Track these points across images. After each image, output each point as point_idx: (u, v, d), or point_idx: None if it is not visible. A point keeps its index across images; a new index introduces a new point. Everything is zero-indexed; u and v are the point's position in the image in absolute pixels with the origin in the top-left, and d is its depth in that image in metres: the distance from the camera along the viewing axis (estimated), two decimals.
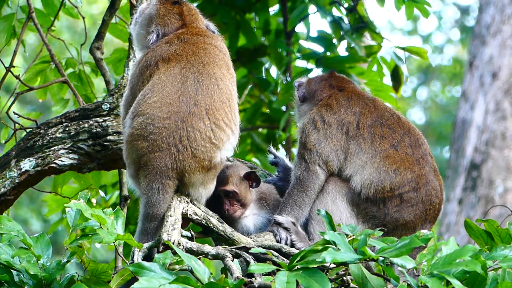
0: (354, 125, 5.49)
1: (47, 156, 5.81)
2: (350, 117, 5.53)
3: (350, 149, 5.45)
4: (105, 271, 4.50)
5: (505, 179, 12.47)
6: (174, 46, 5.30)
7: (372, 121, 5.51)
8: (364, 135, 5.47)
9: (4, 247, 4.48)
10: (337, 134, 5.49)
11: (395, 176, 5.36)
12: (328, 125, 5.51)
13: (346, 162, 5.44)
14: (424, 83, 24.77)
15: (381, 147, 5.44)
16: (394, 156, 5.42)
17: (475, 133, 12.82)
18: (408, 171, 5.39)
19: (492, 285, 4.05)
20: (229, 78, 5.31)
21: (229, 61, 5.41)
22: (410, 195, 5.36)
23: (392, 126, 5.50)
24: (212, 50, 5.34)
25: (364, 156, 5.42)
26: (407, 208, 5.36)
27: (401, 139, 5.47)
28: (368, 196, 5.35)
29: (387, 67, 8.31)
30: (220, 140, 5.14)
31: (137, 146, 5.10)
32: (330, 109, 5.56)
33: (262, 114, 8.88)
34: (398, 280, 4.12)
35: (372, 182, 5.36)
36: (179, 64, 5.21)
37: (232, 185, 5.39)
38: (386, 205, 5.34)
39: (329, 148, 5.46)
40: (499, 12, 12.99)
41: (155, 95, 5.12)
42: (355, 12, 8.38)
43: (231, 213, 5.38)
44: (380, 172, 5.38)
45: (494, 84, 12.80)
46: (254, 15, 8.88)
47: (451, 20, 25.47)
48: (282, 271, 4.04)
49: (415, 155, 5.45)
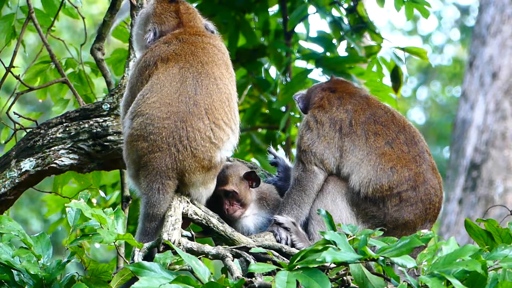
0: (347, 122, 5.50)
1: (47, 156, 5.81)
2: (342, 114, 5.53)
3: (345, 147, 5.45)
4: (106, 271, 4.50)
5: (505, 179, 12.47)
6: (173, 46, 5.30)
7: (365, 118, 5.50)
8: (358, 132, 5.46)
9: (5, 246, 4.48)
10: (330, 132, 5.49)
11: (392, 174, 5.36)
12: (320, 124, 5.52)
13: (342, 160, 5.44)
14: (424, 83, 24.77)
15: (376, 144, 5.43)
16: (390, 154, 5.41)
17: (475, 133, 12.82)
18: (405, 169, 5.38)
19: (492, 285, 4.05)
20: (228, 78, 5.31)
21: (228, 60, 5.41)
22: (408, 194, 5.36)
23: (385, 123, 5.49)
24: (211, 49, 5.34)
25: (359, 154, 5.42)
26: (407, 207, 5.35)
27: (395, 137, 5.46)
28: (367, 195, 5.35)
29: (387, 68, 8.31)
30: (220, 139, 5.14)
31: (137, 147, 5.10)
32: (322, 109, 5.57)
33: (261, 114, 8.87)
34: (398, 280, 4.12)
35: (370, 181, 5.36)
36: (178, 64, 5.21)
37: (232, 185, 5.39)
38: (386, 204, 5.34)
39: (322, 146, 5.47)
40: (499, 12, 13.00)
41: (154, 95, 5.12)
42: (355, 12, 8.38)
43: (231, 213, 5.38)
44: (377, 170, 5.37)
45: (494, 84, 12.80)
46: (254, 15, 8.87)
47: (451, 20, 25.49)
48: (282, 271, 4.04)
49: (411, 152, 5.44)
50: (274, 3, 8.86)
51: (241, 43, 8.79)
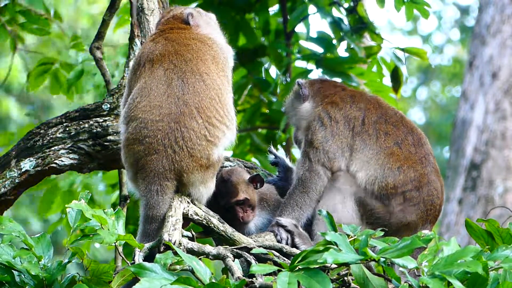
0: (360, 120, 5.50)
1: (47, 156, 5.81)
2: (356, 112, 5.54)
3: (356, 145, 5.45)
4: (106, 272, 4.50)
5: (505, 179, 12.46)
6: (158, 45, 5.30)
7: (377, 117, 5.52)
8: (369, 131, 5.48)
9: (5, 247, 4.48)
10: (344, 131, 5.49)
11: (399, 173, 5.37)
12: (335, 121, 5.52)
13: (352, 159, 5.44)
14: (424, 83, 24.75)
15: (386, 144, 5.45)
16: (398, 154, 5.43)
17: (475, 133, 12.82)
18: (411, 170, 5.40)
19: (493, 285, 4.05)
20: (217, 72, 5.26)
21: (216, 53, 5.34)
22: (412, 194, 5.37)
23: (396, 123, 5.52)
24: (195, 44, 5.32)
25: (369, 153, 5.43)
26: (410, 208, 5.36)
27: (404, 137, 5.48)
28: (373, 192, 5.36)
29: (387, 68, 8.30)
30: (215, 137, 5.13)
31: (134, 150, 5.10)
32: (335, 106, 5.57)
33: (261, 114, 8.86)
34: (399, 280, 4.12)
35: (376, 178, 5.37)
36: (162, 65, 5.20)
37: (242, 192, 5.37)
38: (391, 203, 5.34)
39: (335, 146, 5.46)
40: (499, 12, 12.99)
41: (144, 100, 5.12)
42: (355, 13, 8.37)
43: (246, 220, 5.37)
44: (384, 169, 5.38)
45: (494, 84, 12.79)
46: (254, 15, 8.86)
47: (451, 20, 25.47)
48: (283, 272, 4.03)
49: (417, 154, 5.46)
50: (274, 3, 8.85)
51: (241, 43, 8.78)
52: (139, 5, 6.19)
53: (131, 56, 6.13)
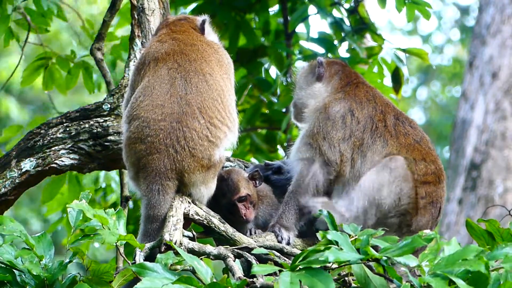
0: (380, 120, 5.42)
1: (47, 156, 5.81)
2: (379, 115, 5.44)
3: (374, 145, 5.39)
4: (107, 271, 4.50)
5: (505, 179, 12.46)
6: (164, 44, 5.31)
7: (395, 119, 5.46)
8: (391, 132, 5.40)
9: (7, 247, 4.49)
10: (362, 134, 5.38)
11: (420, 163, 5.34)
12: (356, 121, 5.40)
13: (365, 160, 5.38)
14: (424, 83, 24.75)
15: (407, 141, 5.39)
16: (419, 149, 5.39)
17: (475, 133, 12.82)
18: (432, 164, 5.38)
19: (494, 285, 4.05)
20: (220, 74, 5.27)
21: (221, 56, 5.37)
22: (431, 188, 5.35)
23: (412, 124, 5.51)
24: (201, 46, 5.34)
25: (387, 151, 5.37)
26: (428, 206, 5.35)
27: (422, 136, 5.47)
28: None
29: (388, 69, 8.30)
30: (217, 137, 5.13)
31: (135, 149, 5.11)
32: (359, 104, 5.47)
33: (261, 114, 8.86)
34: (401, 280, 4.11)
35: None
36: (166, 64, 5.21)
37: (243, 189, 5.36)
38: (417, 197, 5.30)
39: (350, 149, 5.35)
40: (499, 12, 12.99)
41: (146, 99, 5.13)
42: (356, 13, 8.38)
43: (248, 217, 5.36)
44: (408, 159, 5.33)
45: (494, 84, 12.79)
46: (254, 16, 8.87)
47: (451, 20, 25.47)
48: (285, 272, 4.03)
49: (433, 152, 5.46)
50: (274, 3, 8.86)
51: (242, 43, 8.78)
52: (139, 5, 6.19)
53: (131, 56, 6.14)
